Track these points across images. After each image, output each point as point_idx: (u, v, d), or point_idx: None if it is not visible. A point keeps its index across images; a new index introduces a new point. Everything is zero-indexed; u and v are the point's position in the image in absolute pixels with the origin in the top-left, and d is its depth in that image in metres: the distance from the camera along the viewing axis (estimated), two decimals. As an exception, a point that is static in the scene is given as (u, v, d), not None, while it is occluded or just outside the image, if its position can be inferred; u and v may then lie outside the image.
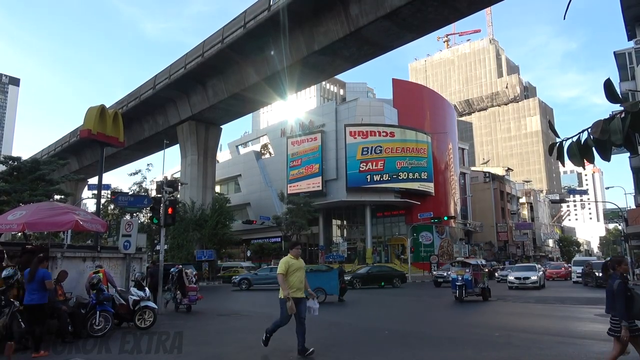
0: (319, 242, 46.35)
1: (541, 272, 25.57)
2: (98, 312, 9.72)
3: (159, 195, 15.24)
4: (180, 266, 15.80)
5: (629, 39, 31.37)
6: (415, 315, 13.86)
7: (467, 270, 17.17)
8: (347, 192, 42.09)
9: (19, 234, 12.50)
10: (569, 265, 43.14)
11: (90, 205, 52.08)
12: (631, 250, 36.90)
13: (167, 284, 15.52)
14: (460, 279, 16.58)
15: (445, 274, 26.30)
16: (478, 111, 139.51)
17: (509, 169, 79.71)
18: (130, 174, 45.81)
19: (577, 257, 42.10)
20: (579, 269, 29.15)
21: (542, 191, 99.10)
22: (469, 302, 16.36)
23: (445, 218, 40.48)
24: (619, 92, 2.30)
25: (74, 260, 11.23)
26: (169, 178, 17.49)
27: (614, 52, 30.57)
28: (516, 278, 23.51)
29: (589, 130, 2.26)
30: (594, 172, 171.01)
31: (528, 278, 23.13)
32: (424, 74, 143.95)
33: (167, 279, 15.31)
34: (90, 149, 47.98)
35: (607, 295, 5.25)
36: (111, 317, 10.01)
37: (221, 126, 42.00)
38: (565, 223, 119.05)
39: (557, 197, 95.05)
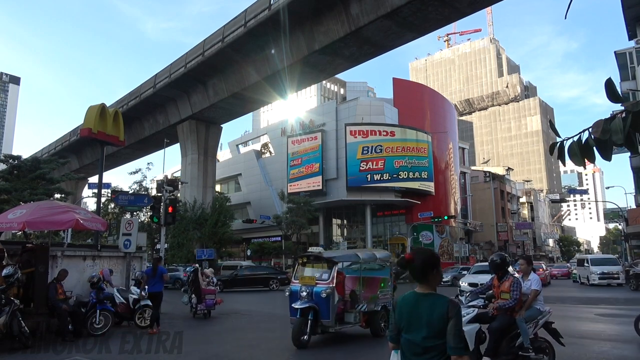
0: (319, 242, 46.34)
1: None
2: (98, 311, 9.73)
3: (159, 194, 15.27)
4: (197, 265, 14.12)
5: (630, 38, 31.34)
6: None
7: (325, 277, 8.80)
8: (347, 192, 42.07)
9: (19, 232, 12.49)
10: (570, 265, 43.00)
11: (91, 204, 52.15)
12: (631, 250, 36.92)
13: (184, 285, 14.06)
14: (305, 294, 8.54)
15: None
16: (478, 111, 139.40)
17: (509, 168, 79.65)
18: (131, 173, 45.85)
19: (595, 255, 36.08)
20: (598, 269, 24.77)
21: (542, 191, 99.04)
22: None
23: (446, 217, 40.49)
24: (619, 92, 2.30)
25: (74, 259, 11.24)
26: (169, 177, 17.52)
27: (615, 52, 30.54)
28: (471, 285, 16.30)
29: (590, 129, 2.25)
30: (594, 172, 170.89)
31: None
32: (424, 74, 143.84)
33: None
34: (91, 147, 47.98)
35: None
36: (111, 316, 10.02)
37: (221, 125, 41.99)
38: (566, 223, 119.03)
39: (558, 197, 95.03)
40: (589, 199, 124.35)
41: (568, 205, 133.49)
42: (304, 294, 8.58)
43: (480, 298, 6.26)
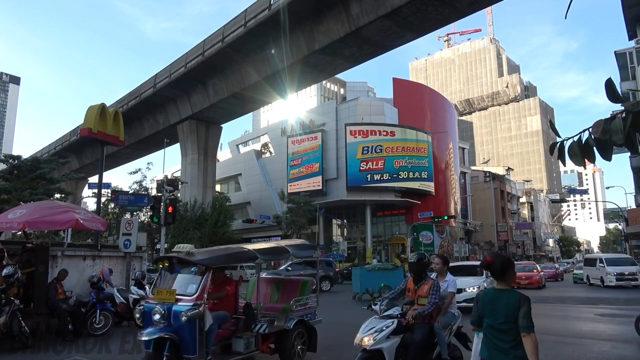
0: (319, 242, 46.36)
1: (485, 281, 13.96)
2: (98, 311, 9.73)
3: (159, 194, 15.26)
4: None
5: (630, 38, 31.34)
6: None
7: (192, 290, 5.89)
8: (347, 192, 42.07)
9: (19, 232, 12.49)
10: (558, 265, 40.66)
11: (91, 204, 52.14)
12: (631, 250, 36.93)
13: None
14: (158, 316, 5.63)
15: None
16: (478, 111, 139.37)
17: (509, 168, 79.63)
18: (131, 173, 45.83)
19: (610, 255, 31.05)
20: (615, 270, 22.76)
21: (542, 191, 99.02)
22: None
23: (446, 217, 40.48)
24: (619, 92, 2.30)
25: (74, 259, 11.23)
26: (169, 177, 17.52)
27: (615, 52, 30.55)
28: None
29: (590, 129, 2.26)
30: (594, 172, 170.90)
31: (462, 290, 14.19)
32: (424, 73, 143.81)
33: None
34: (91, 147, 47.97)
35: None
36: (111, 316, 10.02)
37: (221, 125, 42.00)
38: (566, 223, 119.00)
39: (558, 197, 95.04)
40: (589, 199, 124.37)
41: (568, 205, 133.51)
42: (157, 316, 5.59)
43: (396, 306, 5.46)
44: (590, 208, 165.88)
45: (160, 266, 6.31)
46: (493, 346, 3.13)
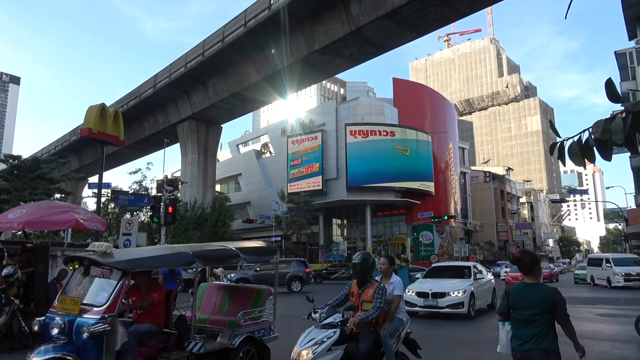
0: (319, 242, 46.37)
1: (472, 284, 12.35)
2: (98, 310, 9.69)
3: (159, 194, 15.25)
4: None
5: (630, 38, 31.35)
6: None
7: (101, 299, 4.87)
8: (347, 192, 42.08)
9: (19, 232, 12.48)
10: (553, 266, 39.69)
11: (91, 204, 52.13)
12: (631, 250, 36.91)
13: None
14: (56, 330, 4.60)
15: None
16: (478, 111, 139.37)
17: (509, 168, 79.66)
18: (131, 173, 45.80)
19: (617, 255, 28.93)
20: (623, 270, 22.11)
21: (542, 191, 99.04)
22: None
23: (446, 217, 40.48)
24: (619, 92, 2.30)
25: (74, 259, 11.20)
26: (169, 177, 17.53)
27: (615, 52, 30.56)
28: (419, 295, 12.09)
29: (590, 129, 2.26)
30: (594, 172, 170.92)
31: (445, 295, 11.72)
32: (424, 74, 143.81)
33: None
34: (91, 147, 47.97)
35: None
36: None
37: (221, 125, 41.99)
38: (566, 223, 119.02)
39: (558, 197, 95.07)
40: (589, 199, 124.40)
41: (568, 205, 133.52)
42: (55, 331, 4.57)
43: (338, 312, 4.80)
44: (590, 208, 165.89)
45: (71, 268, 5.12)
46: (523, 335, 3.44)
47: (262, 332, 6.18)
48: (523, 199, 77.03)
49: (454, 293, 11.62)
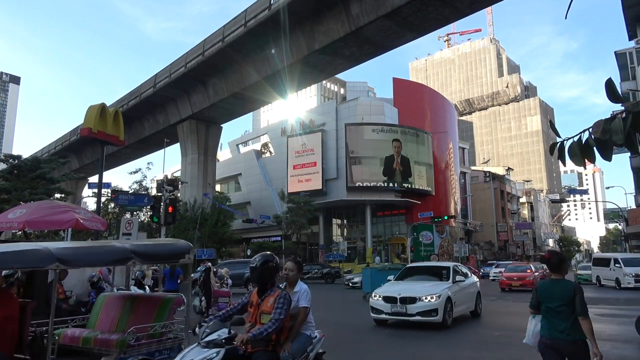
0: (319, 242, 46.36)
1: (450, 288, 10.56)
2: (98, 310, 9.69)
3: (159, 194, 15.24)
4: (209, 264, 12.58)
5: (630, 38, 31.35)
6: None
7: None
8: (347, 192, 42.07)
9: (19, 232, 12.48)
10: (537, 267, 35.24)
11: (91, 203, 52.11)
12: (631, 250, 36.91)
13: (194, 287, 12.86)
14: None
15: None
16: (478, 111, 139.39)
17: (509, 168, 79.66)
18: (131, 173, 45.88)
19: (626, 254, 26.98)
20: (633, 270, 21.41)
21: (542, 191, 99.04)
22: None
23: (446, 217, 40.48)
24: (619, 92, 2.30)
25: (74, 259, 11.20)
26: (169, 177, 17.53)
27: (615, 52, 30.56)
28: (387, 300, 10.36)
29: (590, 130, 2.25)
30: (594, 172, 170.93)
31: (416, 300, 9.97)
32: (424, 73, 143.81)
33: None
34: (91, 147, 47.98)
35: None
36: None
37: (221, 125, 42.01)
38: (566, 223, 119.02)
39: (558, 197, 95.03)
40: (589, 199, 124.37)
41: (568, 206, 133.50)
42: None
43: (224, 327, 3.78)
44: (590, 208, 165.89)
45: None
46: (552, 325, 3.86)
47: (165, 354, 4.92)
48: (523, 199, 77.03)
49: (426, 298, 9.85)
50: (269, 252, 4.10)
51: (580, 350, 3.68)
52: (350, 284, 25.17)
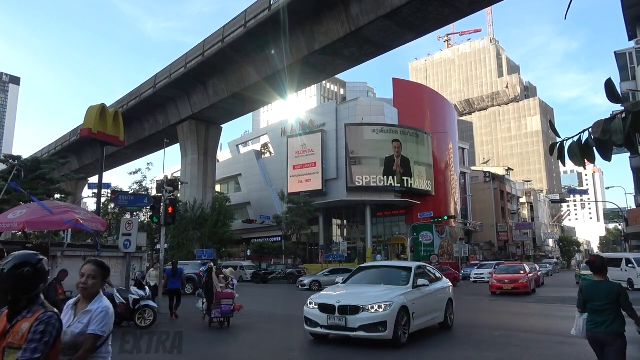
0: (319, 242, 46.35)
1: (407, 295, 8.29)
2: (98, 311, 9.67)
3: (159, 195, 15.22)
4: (211, 264, 12.05)
5: (630, 39, 31.35)
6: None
7: None
8: (347, 192, 42.07)
9: (19, 232, 12.49)
10: (539, 267, 31.67)
11: (91, 204, 52.06)
12: (631, 250, 36.89)
13: (197, 288, 12.40)
14: None
15: None
16: (478, 111, 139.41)
17: (509, 168, 79.63)
18: (131, 173, 45.93)
19: (637, 254, 25.20)
20: None
21: (542, 191, 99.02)
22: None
23: (446, 218, 40.45)
24: (619, 92, 2.30)
25: (74, 260, 11.24)
26: (169, 177, 17.51)
27: (615, 52, 30.56)
28: (323, 309, 8.07)
29: (590, 130, 2.25)
30: (594, 172, 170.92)
31: (359, 310, 7.71)
32: (424, 74, 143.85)
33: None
34: (91, 148, 47.99)
35: None
36: (111, 316, 9.96)
37: (221, 125, 42.03)
38: (566, 223, 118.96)
39: (558, 197, 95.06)
40: (589, 199, 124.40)
41: (568, 206, 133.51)
42: None
43: None
44: (590, 208, 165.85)
45: None
46: (596, 322, 4.40)
47: None
48: (523, 199, 77.01)
49: (372, 308, 7.61)
50: (28, 252, 2.58)
51: (615, 340, 4.32)
52: (300, 286, 24.46)
